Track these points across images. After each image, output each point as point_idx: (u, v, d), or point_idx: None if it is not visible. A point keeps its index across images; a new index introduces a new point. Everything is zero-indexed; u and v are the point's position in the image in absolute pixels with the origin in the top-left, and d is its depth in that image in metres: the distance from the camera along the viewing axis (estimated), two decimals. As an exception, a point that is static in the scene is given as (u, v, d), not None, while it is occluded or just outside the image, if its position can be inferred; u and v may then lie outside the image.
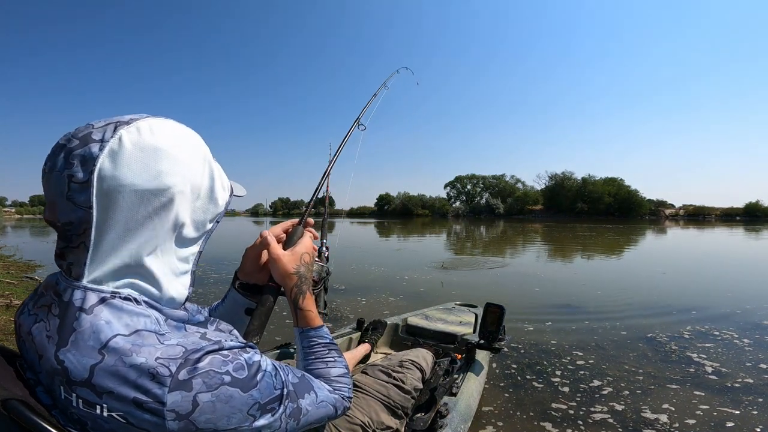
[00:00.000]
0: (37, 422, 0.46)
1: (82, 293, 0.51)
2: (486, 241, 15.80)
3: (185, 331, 0.54)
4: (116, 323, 0.49)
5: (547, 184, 70.23)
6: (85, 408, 0.47)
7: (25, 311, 0.56)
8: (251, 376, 0.52)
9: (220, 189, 0.62)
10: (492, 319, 1.86)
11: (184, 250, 0.58)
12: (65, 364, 0.47)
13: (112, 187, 0.49)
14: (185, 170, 0.55)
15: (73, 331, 0.48)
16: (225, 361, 0.50)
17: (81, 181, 0.48)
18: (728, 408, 2.14)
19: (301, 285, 0.77)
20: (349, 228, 26.93)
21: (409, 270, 7.00)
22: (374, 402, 1.19)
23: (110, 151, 0.49)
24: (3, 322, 3.42)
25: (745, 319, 3.89)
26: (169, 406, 0.46)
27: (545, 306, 4.46)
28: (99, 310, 0.50)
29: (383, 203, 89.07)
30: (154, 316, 0.53)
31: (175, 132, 0.55)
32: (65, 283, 0.52)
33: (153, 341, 0.49)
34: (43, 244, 12.33)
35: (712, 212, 61.80)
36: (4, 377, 0.50)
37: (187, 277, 0.60)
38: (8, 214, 75.20)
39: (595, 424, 1.97)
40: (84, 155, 0.48)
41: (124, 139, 0.50)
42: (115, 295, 0.51)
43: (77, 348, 0.48)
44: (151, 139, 0.52)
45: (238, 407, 0.50)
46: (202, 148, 0.60)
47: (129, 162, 0.50)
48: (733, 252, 11.17)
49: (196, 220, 0.59)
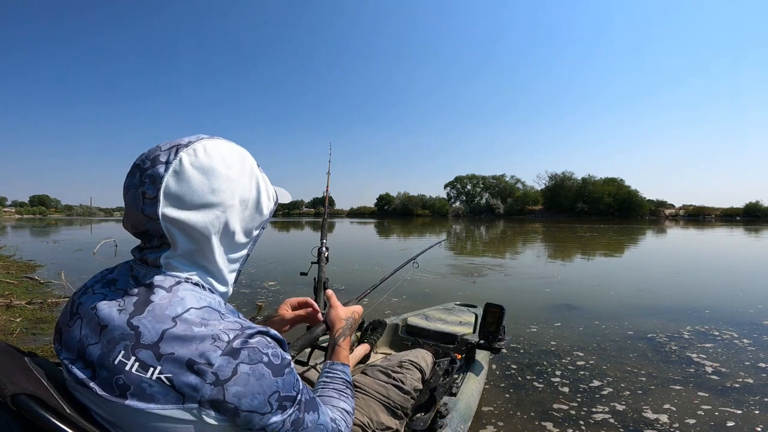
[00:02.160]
0: (45, 417, 0.47)
1: (163, 277, 0.60)
2: (486, 241, 15.80)
3: (238, 317, 0.63)
4: (190, 299, 0.58)
5: (547, 184, 70.14)
6: (138, 371, 0.52)
7: (88, 292, 0.63)
8: (283, 366, 0.59)
9: (265, 199, 0.71)
10: (492, 319, 1.85)
11: (235, 253, 0.68)
12: (139, 329, 0.54)
13: (175, 201, 0.58)
14: (234, 186, 0.63)
15: (150, 303, 0.57)
16: (268, 345, 0.58)
17: (151, 197, 0.58)
18: (730, 408, 2.14)
19: (345, 329, 0.97)
20: (350, 228, 26.95)
21: (412, 270, 6.95)
22: (374, 402, 1.19)
23: (173, 171, 0.58)
24: (3, 322, 3.41)
25: (756, 319, 3.89)
26: (215, 369, 0.52)
27: (546, 306, 4.46)
28: (176, 288, 0.59)
29: (383, 203, 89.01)
30: (217, 299, 0.63)
31: (225, 151, 0.64)
32: (144, 270, 0.62)
33: (217, 316, 0.58)
34: (43, 244, 12.33)
35: (712, 212, 61.78)
36: (15, 372, 0.52)
37: (233, 275, 0.70)
38: (8, 214, 75.19)
39: (597, 425, 1.97)
40: (153, 175, 0.58)
41: (184, 160, 0.59)
42: (188, 279, 0.62)
43: (153, 316, 0.55)
44: (206, 159, 0.61)
45: (264, 389, 0.56)
46: (249, 163, 0.68)
47: (189, 180, 0.59)
48: (741, 252, 11.17)
49: (245, 228, 0.68)
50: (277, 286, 5.42)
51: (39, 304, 4.06)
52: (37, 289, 5.10)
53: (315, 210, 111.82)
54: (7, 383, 0.47)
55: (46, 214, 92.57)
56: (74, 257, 8.70)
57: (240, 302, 4.46)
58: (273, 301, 4.51)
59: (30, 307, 3.95)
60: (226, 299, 0.68)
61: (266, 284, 5.55)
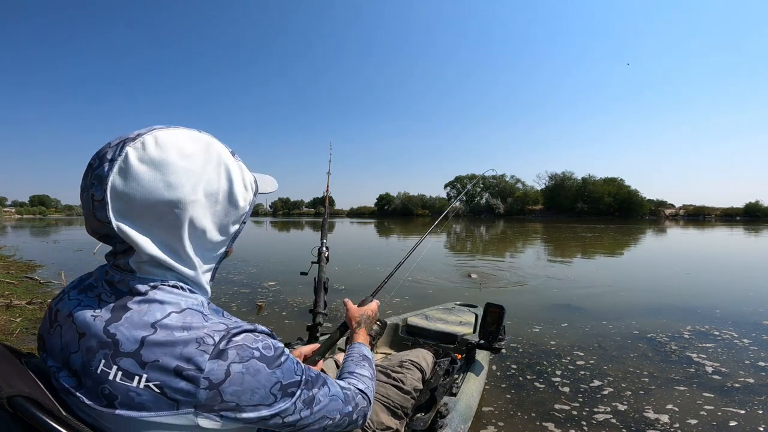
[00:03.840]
0: (42, 418, 0.47)
1: (137, 282, 0.56)
2: (487, 241, 15.79)
3: (223, 316, 0.61)
4: (169, 303, 0.55)
5: (547, 184, 70.15)
6: (123, 380, 0.50)
7: (64, 298, 0.60)
8: (276, 356, 0.57)
9: (240, 190, 0.63)
10: (492, 319, 1.85)
11: (210, 253, 0.63)
12: (116, 337, 0.51)
13: (125, 203, 0.53)
14: (195, 179, 0.56)
15: (127, 309, 0.54)
16: (256, 339, 0.56)
17: (99, 200, 0.53)
18: (732, 408, 2.13)
19: (360, 323, 1.09)
20: (350, 228, 26.94)
21: (413, 270, 6.92)
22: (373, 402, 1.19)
23: (119, 169, 0.52)
24: (3, 322, 3.41)
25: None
26: (206, 374, 0.50)
27: (553, 306, 4.45)
28: (153, 293, 0.56)
29: (383, 203, 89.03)
30: (199, 299, 0.60)
31: (183, 141, 0.57)
32: (120, 276, 0.57)
33: (200, 319, 0.55)
34: (43, 244, 12.33)
35: (712, 212, 61.75)
36: (11, 373, 0.51)
37: (208, 275, 0.65)
38: (8, 214, 75.26)
39: (598, 425, 1.96)
40: (100, 175, 0.53)
41: (130, 155, 0.53)
42: (165, 282, 0.58)
43: (130, 322, 0.52)
44: (156, 152, 0.54)
45: (263, 383, 0.54)
46: (215, 152, 0.60)
47: (137, 177, 0.52)
48: (749, 253, 11.16)
49: (219, 224, 0.61)
50: (278, 286, 5.41)
51: (39, 304, 4.06)
52: (37, 289, 5.09)
53: (315, 210, 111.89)
54: (3, 385, 0.47)
55: (46, 214, 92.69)
56: (74, 257, 8.69)
57: (240, 302, 4.46)
58: (273, 301, 4.50)
59: (30, 308, 3.95)
60: (209, 299, 0.65)
61: (266, 284, 5.54)
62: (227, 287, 5.22)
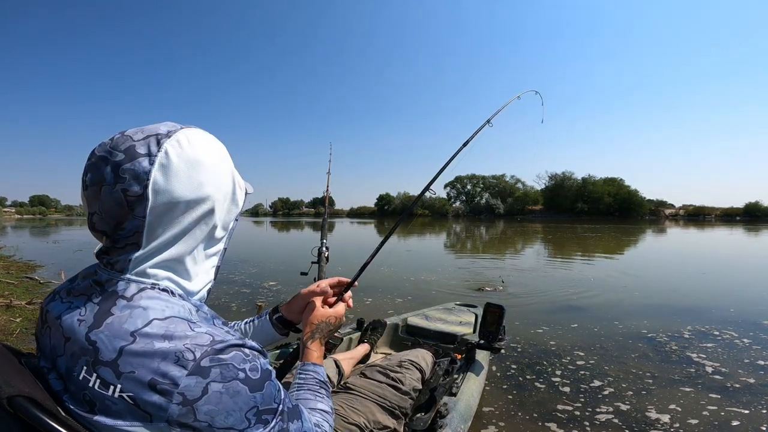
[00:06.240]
0: (42, 418, 0.46)
1: (125, 284, 0.55)
2: (488, 241, 15.78)
3: (213, 325, 0.58)
4: (153, 309, 0.53)
5: (547, 184, 70.10)
6: (100, 388, 0.49)
7: (56, 299, 0.59)
8: (262, 379, 0.55)
9: (239, 190, 0.68)
10: (492, 319, 1.85)
11: (213, 248, 0.65)
12: (97, 345, 0.50)
13: (165, 198, 0.54)
14: (218, 178, 0.61)
15: (110, 315, 0.52)
16: (245, 359, 0.53)
17: (137, 195, 0.53)
18: (735, 407, 2.12)
19: (314, 332, 0.90)
20: (350, 228, 26.95)
21: (417, 271, 6.91)
22: (370, 403, 1.19)
23: (160, 165, 0.54)
24: (3, 322, 3.41)
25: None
26: (181, 389, 0.48)
27: (547, 307, 4.45)
28: (138, 297, 0.54)
29: (383, 203, 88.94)
30: (187, 306, 0.58)
31: (207, 141, 0.61)
32: (108, 275, 0.57)
33: (184, 328, 0.53)
34: (43, 244, 12.34)
35: (712, 212, 61.70)
36: (11, 373, 0.51)
37: (212, 271, 0.66)
38: (8, 214, 75.31)
39: (600, 425, 1.96)
40: (135, 170, 0.53)
41: (170, 152, 0.55)
42: (154, 286, 0.56)
43: (111, 330, 0.51)
44: (191, 151, 0.57)
45: (240, 405, 0.52)
46: (225, 153, 0.65)
47: (177, 174, 0.55)
48: (749, 252, 11.15)
49: (224, 221, 0.65)
50: (278, 286, 5.41)
51: (39, 305, 4.05)
52: (37, 289, 5.09)
53: (315, 210, 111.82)
54: (3, 385, 0.47)
55: (46, 214, 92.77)
56: (74, 257, 8.69)
57: (240, 302, 4.45)
58: (273, 301, 4.50)
59: (30, 308, 3.95)
60: (205, 299, 0.65)
61: (266, 284, 5.54)
62: (228, 287, 5.22)
